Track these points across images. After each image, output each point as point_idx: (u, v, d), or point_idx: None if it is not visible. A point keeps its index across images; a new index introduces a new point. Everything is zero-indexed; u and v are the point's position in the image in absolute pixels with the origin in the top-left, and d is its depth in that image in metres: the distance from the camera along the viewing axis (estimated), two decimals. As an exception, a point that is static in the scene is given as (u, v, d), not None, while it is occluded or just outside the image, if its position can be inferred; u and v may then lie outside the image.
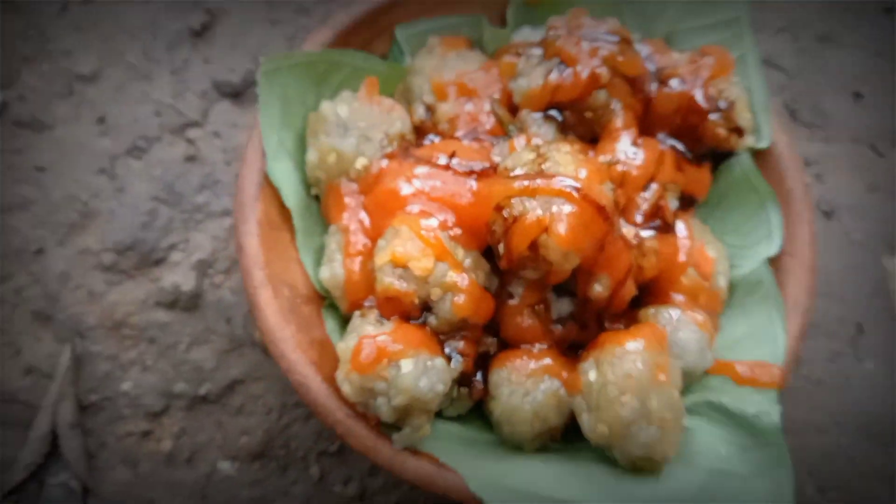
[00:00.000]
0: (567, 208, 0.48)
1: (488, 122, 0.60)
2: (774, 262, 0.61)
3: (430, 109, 0.61)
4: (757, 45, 0.66)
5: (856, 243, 0.79)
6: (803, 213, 0.62)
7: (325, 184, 0.59)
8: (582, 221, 0.48)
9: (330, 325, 0.57)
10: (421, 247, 0.50)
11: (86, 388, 0.66)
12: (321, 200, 0.60)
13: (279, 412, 0.66)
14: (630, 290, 0.54)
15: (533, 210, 0.48)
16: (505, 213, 0.49)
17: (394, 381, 0.48)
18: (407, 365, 0.49)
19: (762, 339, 0.58)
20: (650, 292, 0.58)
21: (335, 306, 0.58)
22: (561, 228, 0.48)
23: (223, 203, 0.72)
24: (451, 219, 0.52)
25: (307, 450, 0.65)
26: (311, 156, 0.58)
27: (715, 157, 0.64)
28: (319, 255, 0.59)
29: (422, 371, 0.49)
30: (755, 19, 0.68)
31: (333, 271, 0.56)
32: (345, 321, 0.57)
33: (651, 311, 0.57)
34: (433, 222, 0.52)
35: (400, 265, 0.50)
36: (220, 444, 0.65)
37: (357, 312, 0.54)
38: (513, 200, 0.49)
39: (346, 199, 0.57)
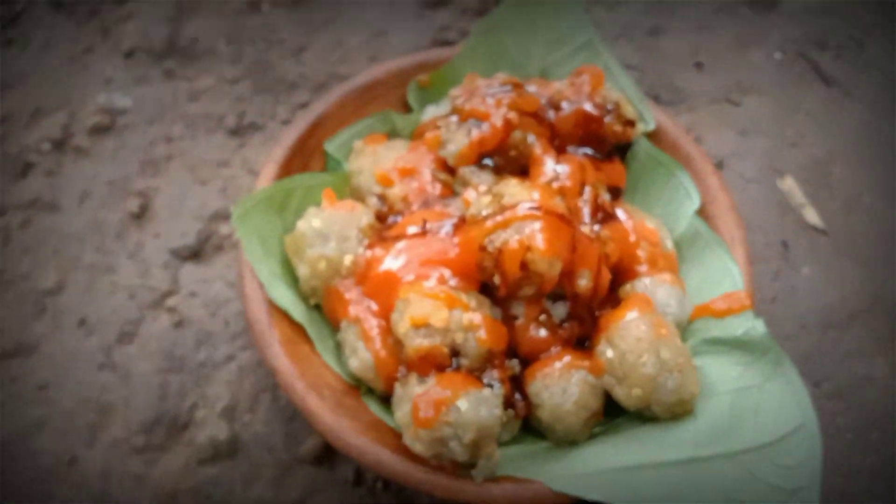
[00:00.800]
0: (537, 225, 0.58)
1: (435, 190, 0.69)
2: (702, 214, 0.73)
3: (382, 198, 0.70)
4: (612, 54, 0.80)
5: (750, 180, 0.93)
6: (706, 166, 0.75)
7: (321, 290, 0.66)
8: (552, 231, 0.58)
9: (373, 408, 0.63)
10: (433, 303, 0.58)
11: (163, 565, 0.68)
12: (323, 306, 0.67)
13: (348, 511, 0.71)
14: (606, 275, 0.64)
15: (512, 237, 0.58)
16: (490, 248, 0.58)
17: (458, 422, 0.55)
18: (463, 403, 0.56)
19: (720, 277, 0.69)
20: (619, 273, 0.68)
21: (371, 390, 0.64)
22: (540, 243, 0.57)
23: (223, 350, 0.77)
24: (445, 273, 0.61)
25: (387, 533, 0.70)
26: (303, 271, 0.65)
27: (620, 150, 0.76)
28: (338, 353, 0.66)
29: (477, 404, 0.56)
30: (596, 35, 0.82)
31: (361, 359, 0.62)
32: (383, 400, 0.64)
33: (627, 287, 0.67)
34: (432, 281, 0.60)
35: (421, 325, 0.58)
36: (307, 563, 0.69)
37: (396, 384, 0.61)
38: (492, 237, 0.59)
39: (347, 295, 0.64)
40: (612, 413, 0.63)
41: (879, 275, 0.86)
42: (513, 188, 0.61)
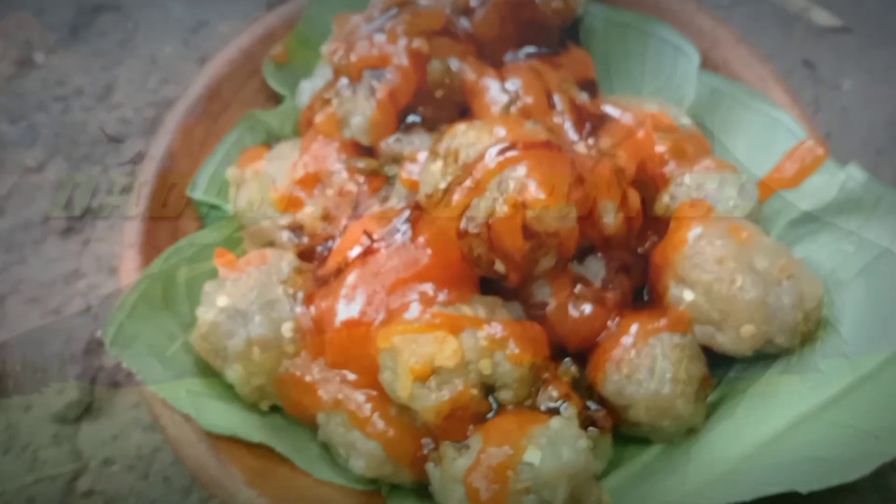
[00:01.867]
0: (522, 169, 0.48)
1: (361, 186, 0.58)
2: (707, 67, 0.64)
3: (295, 228, 0.59)
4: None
5: (733, 3, 0.84)
6: (685, 6, 0.66)
7: (270, 387, 0.55)
8: (545, 167, 0.49)
9: (409, 504, 0.53)
10: (430, 338, 0.48)
11: None
12: (283, 405, 0.56)
13: None
14: (634, 197, 0.55)
15: (497, 201, 0.48)
16: (473, 229, 0.48)
17: (538, 481, 0.46)
18: (534, 454, 0.47)
19: (770, 133, 0.61)
20: (646, 186, 0.58)
21: (395, 486, 0.54)
22: (535, 191, 0.48)
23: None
24: (427, 288, 0.50)
25: None
26: (233, 373, 0.55)
27: (570, 33, 0.66)
28: (330, 455, 0.56)
29: (551, 446, 0.47)
30: None
31: (365, 454, 0.52)
32: (417, 490, 0.54)
33: (665, 199, 0.58)
34: (415, 308, 0.49)
35: (427, 374, 0.48)
36: None
37: (428, 465, 0.51)
38: (469, 212, 0.49)
39: (309, 378, 0.53)
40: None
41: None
42: (465, 136, 0.51)
